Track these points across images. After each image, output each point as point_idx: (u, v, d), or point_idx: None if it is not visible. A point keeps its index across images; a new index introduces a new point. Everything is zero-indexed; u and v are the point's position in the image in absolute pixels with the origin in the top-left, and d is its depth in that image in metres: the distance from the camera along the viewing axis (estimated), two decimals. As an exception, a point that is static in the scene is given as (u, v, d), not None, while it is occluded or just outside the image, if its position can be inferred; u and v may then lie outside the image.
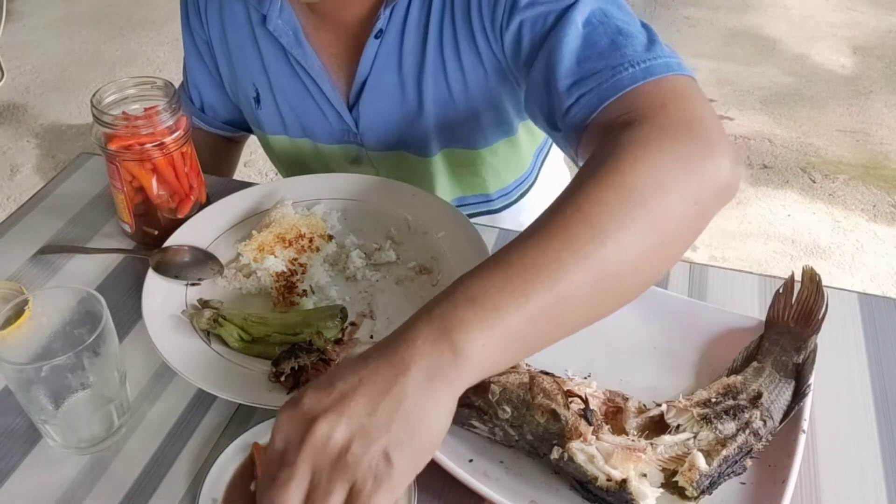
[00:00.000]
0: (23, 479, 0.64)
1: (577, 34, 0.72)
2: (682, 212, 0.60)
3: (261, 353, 0.71)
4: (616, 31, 0.72)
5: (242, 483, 0.61)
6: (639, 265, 0.58)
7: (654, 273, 0.62)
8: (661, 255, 0.61)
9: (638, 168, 0.59)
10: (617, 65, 0.69)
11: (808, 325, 0.70)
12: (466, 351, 0.51)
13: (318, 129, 1.00)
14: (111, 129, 0.80)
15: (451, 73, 0.88)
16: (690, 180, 0.61)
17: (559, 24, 0.73)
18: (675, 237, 0.61)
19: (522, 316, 0.53)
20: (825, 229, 2.32)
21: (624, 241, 0.56)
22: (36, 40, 3.39)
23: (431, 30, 0.86)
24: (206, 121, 1.12)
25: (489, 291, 0.53)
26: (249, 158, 2.55)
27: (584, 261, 0.55)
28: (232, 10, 0.97)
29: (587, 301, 0.56)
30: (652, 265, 0.60)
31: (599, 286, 0.56)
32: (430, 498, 0.61)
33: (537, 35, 0.76)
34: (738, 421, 0.60)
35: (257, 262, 0.79)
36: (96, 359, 0.62)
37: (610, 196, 0.58)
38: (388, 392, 0.50)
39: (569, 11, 0.73)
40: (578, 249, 0.55)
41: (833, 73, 3.09)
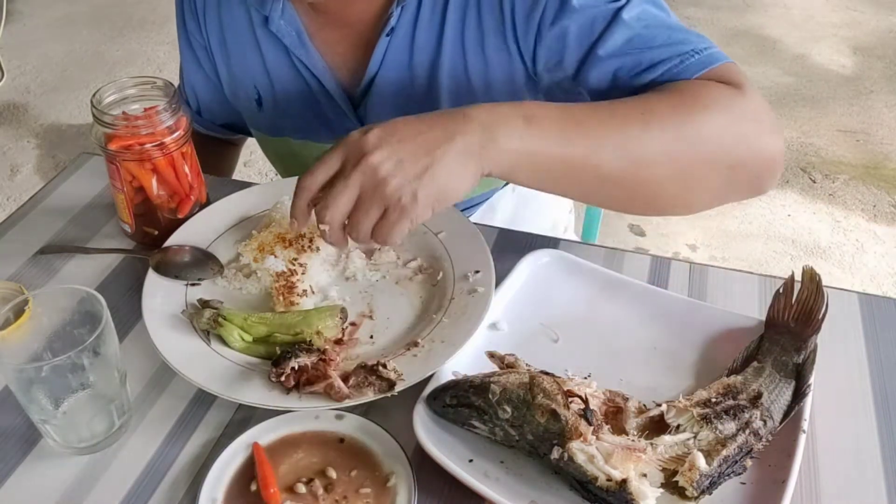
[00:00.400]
0: (23, 479, 0.64)
1: (632, 32, 0.77)
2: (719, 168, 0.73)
3: (261, 353, 0.71)
4: (668, 26, 0.78)
5: (242, 483, 0.61)
6: (661, 178, 0.72)
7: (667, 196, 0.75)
8: (680, 187, 0.74)
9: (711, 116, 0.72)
10: (683, 52, 0.76)
11: (808, 325, 0.70)
12: (502, 148, 0.66)
13: (322, 130, 0.99)
14: (111, 129, 0.80)
15: (472, 68, 0.88)
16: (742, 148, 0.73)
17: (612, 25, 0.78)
18: (700, 182, 0.74)
19: (555, 152, 0.68)
20: (825, 229, 2.32)
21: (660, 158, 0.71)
22: (36, 40, 3.39)
23: (448, 25, 0.86)
24: (203, 124, 1.12)
25: (544, 122, 0.68)
26: (249, 158, 2.55)
27: (623, 151, 0.69)
28: (231, 12, 0.97)
29: (604, 180, 0.71)
30: (669, 189, 0.74)
31: (621, 176, 0.70)
32: (430, 498, 0.61)
33: (585, 38, 0.79)
34: (738, 421, 0.60)
35: (257, 263, 0.79)
36: (96, 359, 0.62)
37: (675, 119, 0.71)
38: (432, 151, 0.64)
39: (619, 13, 0.78)
40: (627, 138, 0.69)
41: (833, 73, 3.09)
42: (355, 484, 0.60)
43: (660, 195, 0.75)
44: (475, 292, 0.75)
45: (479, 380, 0.62)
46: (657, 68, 0.76)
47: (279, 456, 0.63)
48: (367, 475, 0.61)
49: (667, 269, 0.83)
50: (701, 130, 0.72)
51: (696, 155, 0.72)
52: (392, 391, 0.65)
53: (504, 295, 0.76)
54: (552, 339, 0.73)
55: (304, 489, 0.60)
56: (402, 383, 0.65)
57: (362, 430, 0.64)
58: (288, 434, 0.64)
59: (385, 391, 0.65)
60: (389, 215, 0.65)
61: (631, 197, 0.75)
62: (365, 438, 0.64)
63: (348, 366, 0.68)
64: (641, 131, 0.70)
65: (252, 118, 1.05)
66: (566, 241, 0.87)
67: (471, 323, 0.71)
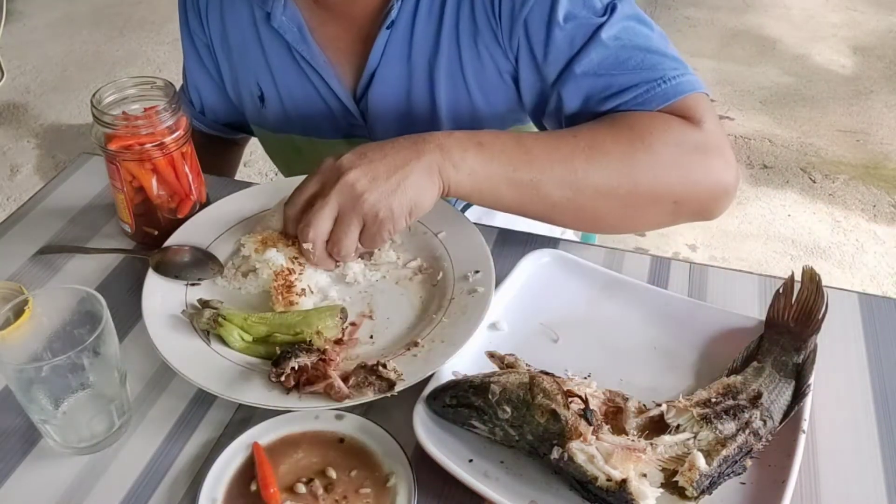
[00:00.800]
0: (23, 479, 0.64)
1: (608, 52, 0.80)
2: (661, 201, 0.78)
3: (261, 353, 0.71)
4: (645, 48, 0.80)
5: (242, 483, 0.61)
6: (602, 209, 0.78)
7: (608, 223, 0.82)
8: (621, 216, 0.80)
9: (658, 149, 0.76)
10: (652, 80, 0.79)
11: (808, 325, 0.70)
12: (459, 166, 0.74)
13: (324, 125, 1.00)
14: (111, 129, 0.80)
15: (466, 63, 0.89)
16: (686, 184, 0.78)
17: (590, 43, 0.80)
18: (642, 214, 0.80)
19: (506, 176, 0.75)
20: (825, 229, 2.32)
21: (603, 189, 0.76)
22: (36, 40, 3.39)
23: (446, 19, 0.87)
24: (206, 123, 1.12)
25: (496, 148, 0.75)
26: (249, 158, 2.55)
27: (570, 178, 0.75)
28: (234, 9, 0.97)
29: (549, 202, 0.77)
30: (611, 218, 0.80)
31: (565, 201, 0.76)
32: (430, 498, 0.61)
33: (563, 52, 0.82)
34: (738, 421, 0.60)
35: (258, 254, 0.79)
36: (96, 359, 0.62)
37: (621, 155, 0.76)
38: (402, 168, 0.72)
39: (599, 30, 0.80)
40: (572, 170, 0.75)
41: (833, 73, 3.09)
42: (355, 484, 0.60)
43: (603, 221, 0.82)
44: (475, 292, 0.75)
45: (479, 380, 0.62)
46: (625, 94, 0.80)
47: (279, 456, 0.63)
48: (367, 475, 0.61)
49: (667, 269, 0.83)
50: (644, 166, 0.77)
51: (638, 189, 0.77)
52: (392, 391, 0.65)
53: (504, 295, 0.76)
54: (552, 339, 0.73)
55: (304, 489, 0.60)
56: (402, 383, 0.65)
57: (362, 430, 0.64)
58: (288, 434, 0.64)
59: (385, 391, 0.65)
60: (369, 228, 0.73)
61: (576, 221, 0.82)
62: (365, 438, 0.64)
63: (348, 366, 0.68)
64: (586, 164, 0.76)
65: (255, 115, 1.05)
66: (566, 241, 0.88)
67: (471, 323, 0.71)
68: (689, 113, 0.79)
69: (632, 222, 0.83)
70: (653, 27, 0.83)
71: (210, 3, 0.99)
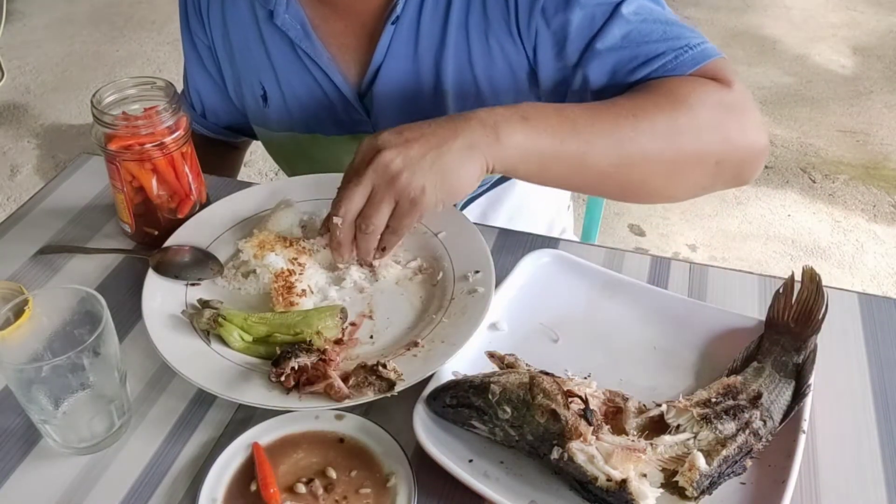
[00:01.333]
0: (23, 479, 0.64)
1: (630, 27, 0.81)
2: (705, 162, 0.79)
3: (261, 353, 0.71)
4: (664, 21, 0.81)
5: (242, 483, 0.61)
6: (647, 175, 0.78)
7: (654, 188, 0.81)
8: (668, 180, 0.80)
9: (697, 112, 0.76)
10: (678, 48, 0.80)
11: (808, 325, 0.70)
12: (504, 142, 0.71)
13: (328, 122, 1.00)
14: (111, 129, 0.80)
15: (476, 57, 0.88)
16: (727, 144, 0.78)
17: (611, 20, 0.81)
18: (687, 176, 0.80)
19: (553, 147, 0.73)
20: (825, 229, 2.32)
21: (650, 153, 0.76)
22: (36, 40, 3.39)
23: (454, 13, 0.87)
24: (207, 126, 1.12)
25: (540, 122, 0.73)
26: (249, 158, 2.55)
27: (614, 147, 0.75)
28: (235, 8, 0.97)
29: (598, 173, 0.76)
30: (656, 181, 0.79)
31: (613, 170, 0.76)
32: (430, 498, 0.61)
33: (585, 32, 0.82)
34: (738, 421, 0.60)
35: (257, 259, 0.79)
36: (96, 359, 0.62)
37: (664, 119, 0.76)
38: (438, 147, 0.70)
39: (619, 7, 0.80)
40: (616, 138, 0.75)
41: (833, 73, 3.09)
42: (355, 484, 0.60)
43: (647, 187, 0.82)
44: (475, 292, 0.75)
45: (479, 380, 0.62)
46: (653, 63, 0.80)
47: (279, 456, 0.63)
48: (367, 475, 0.61)
49: (667, 269, 0.83)
50: (688, 129, 0.77)
51: (683, 152, 0.77)
52: (392, 391, 0.65)
53: (504, 295, 0.76)
54: (552, 339, 0.73)
55: (304, 489, 0.60)
56: (402, 383, 0.65)
57: (362, 430, 0.64)
58: (288, 434, 0.64)
59: (385, 391, 0.65)
60: (400, 207, 0.71)
61: (622, 189, 0.82)
62: (365, 438, 0.64)
63: (348, 366, 0.68)
64: (631, 131, 0.75)
65: (258, 115, 1.05)
66: (566, 241, 0.88)
67: (471, 323, 0.71)
68: (719, 75, 0.80)
69: (676, 186, 0.82)
70: (665, 6, 0.85)
71: (212, 4, 0.99)
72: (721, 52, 0.82)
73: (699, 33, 0.83)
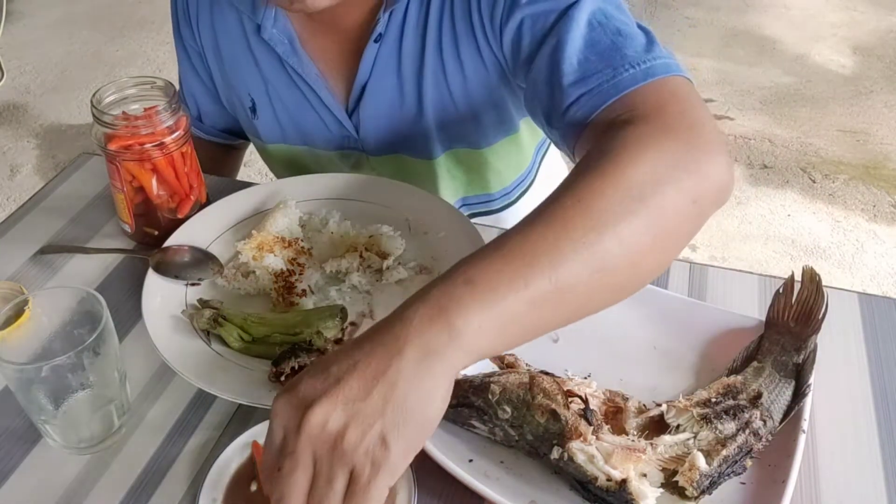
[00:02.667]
0: (23, 479, 0.64)
1: (579, 33, 0.73)
2: (680, 209, 0.61)
3: (261, 353, 0.71)
4: (616, 31, 0.72)
5: (242, 483, 0.61)
6: (636, 259, 0.58)
7: (650, 269, 0.62)
8: (659, 252, 0.61)
9: (638, 164, 0.60)
10: (618, 65, 0.70)
11: (808, 325, 0.70)
12: (463, 330, 0.51)
13: (318, 137, 0.99)
14: (111, 129, 0.80)
15: (450, 74, 0.88)
16: (689, 179, 0.61)
17: (561, 23, 0.73)
18: (672, 234, 0.61)
19: (520, 300, 0.53)
20: (825, 229, 2.32)
21: (622, 234, 0.57)
22: (36, 40, 3.39)
23: (430, 31, 0.86)
24: (203, 130, 1.12)
25: (488, 274, 0.53)
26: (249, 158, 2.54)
27: (582, 250, 0.55)
28: (224, 20, 0.96)
29: (585, 291, 0.56)
30: (649, 260, 0.61)
31: (598, 277, 0.56)
32: (430, 498, 0.61)
33: (538, 33, 0.76)
34: (738, 421, 0.60)
35: (256, 261, 0.79)
36: (96, 359, 0.62)
37: (609, 189, 0.58)
38: (383, 374, 0.49)
39: (570, 10, 0.73)
40: (577, 239, 0.55)
41: (833, 73, 3.09)
42: (355, 484, 0.60)
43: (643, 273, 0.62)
44: (475, 292, 0.74)
45: (479, 380, 0.62)
46: (590, 81, 0.70)
47: (279, 456, 0.63)
48: (367, 475, 0.61)
49: (667, 269, 0.83)
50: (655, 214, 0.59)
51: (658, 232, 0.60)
52: (392, 391, 0.65)
53: (504, 295, 0.76)
54: (552, 339, 0.73)
55: (304, 489, 0.60)
56: (402, 383, 0.65)
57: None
58: (288, 434, 0.64)
59: (385, 391, 0.65)
60: (359, 477, 0.49)
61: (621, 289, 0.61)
62: (365, 438, 0.63)
63: (348, 366, 0.68)
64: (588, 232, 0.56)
65: (247, 125, 1.05)
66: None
67: (471, 323, 0.71)
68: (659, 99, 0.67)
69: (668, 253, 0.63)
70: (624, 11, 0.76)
71: (200, 12, 0.98)
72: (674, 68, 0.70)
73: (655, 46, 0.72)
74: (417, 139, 0.95)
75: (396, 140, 0.96)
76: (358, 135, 0.97)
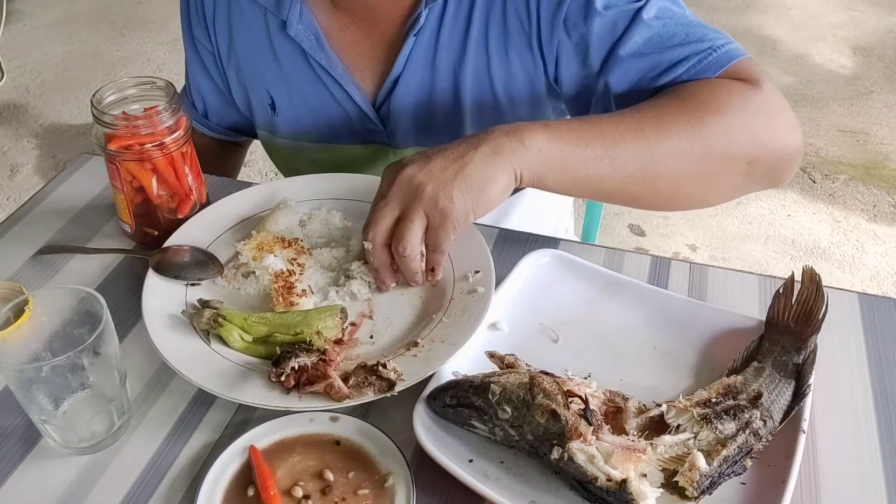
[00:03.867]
0: (23, 479, 0.64)
1: (651, 32, 0.80)
2: (734, 162, 0.76)
3: (261, 353, 0.71)
4: (685, 23, 0.81)
5: (239, 489, 0.61)
6: (678, 178, 0.76)
7: (684, 194, 0.78)
8: (698, 185, 0.77)
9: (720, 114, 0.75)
10: (702, 51, 0.79)
11: (808, 325, 0.70)
12: (528, 145, 0.71)
13: (341, 131, 0.99)
14: (111, 129, 0.80)
15: (495, 69, 0.88)
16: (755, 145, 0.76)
17: (632, 25, 0.80)
18: (717, 179, 0.78)
19: (577, 153, 0.72)
20: (825, 229, 2.32)
21: (675, 152, 0.74)
22: (36, 40, 3.39)
23: (474, 25, 0.86)
24: (209, 126, 1.12)
25: (563, 126, 0.73)
26: (249, 158, 2.55)
27: (638, 145, 0.73)
28: (243, 18, 0.96)
29: (628, 175, 0.74)
30: (686, 186, 0.77)
31: (641, 170, 0.74)
32: (430, 498, 0.61)
33: (606, 39, 0.81)
34: (738, 421, 0.60)
35: (256, 261, 0.79)
36: (96, 359, 0.62)
37: (686, 118, 0.74)
38: (461, 157, 0.70)
39: (639, 12, 0.80)
40: (639, 135, 0.73)
41: (833, 73, 3.09)
42: (353, 485, 0.60)
43: (679, 193, 0.78)
44: (475, 292, 0.75)
45: (479, 380, 0.62)
46: (677, 68, 0.79)
47: (275, 460, 0.62)
48: (365, 476, 0.61)
49: (667, 269, 0.83)
50: (715, 132, 0.75)
51: (710, 156, 0.76)
52: (392, 391, 0.65)
53: (504, 295, 0.76)
54: (552, 339, 0.73)
55: (301, 492, 0.60)
56: (402, 383, 0.65)
57: (358, 431, 0.64)
58: (283, 438, 0.64)
59: (385, 391, 0.65)
60: (432, 220, 0.70)
61: (653, 193, 0.77)
62: (361, 440, 0.63)
63: (348, 366, 0.68)
64: (656, 132, 0.74)
65: (265, 122, 1.04)
66: (566, 241, 0.87)
67: (471, 323, 0.71)
68: (746, 76, 0.78)
69: (707, 191, 0.79)
70: (684, 7, 0.84)
71: (217, 12, 0.98)
72: (745, 52, 0.81)
73: (723, 33, 0.82)
74: (448, 131, 0.95)
75: (425, 132, 0.95)
76: (385, 128, 0.97)
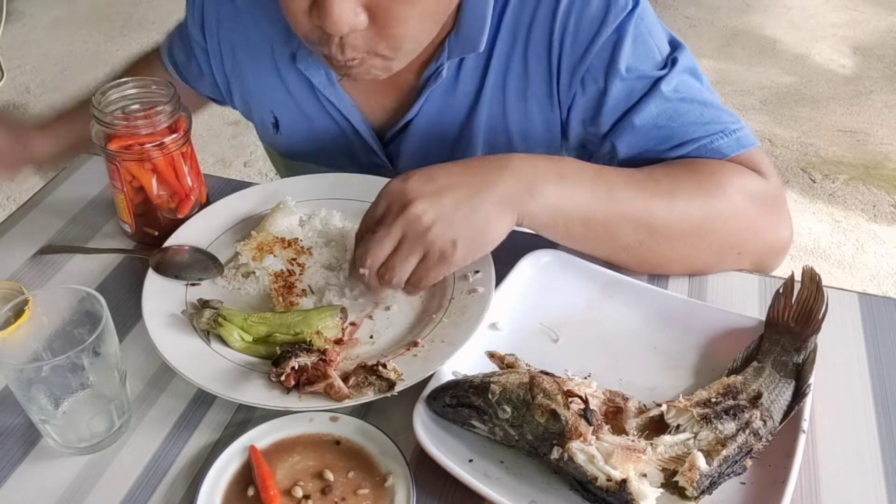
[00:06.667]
0: (23, 479, 0.64)
1: (667, 105, 0.80)
2: (725, 253, 0.79)
3: (261, 353, 0.71)
4: (702, 102, 0.81)
5: (239, 488, 0.61)
6: (670, 255, 0.78)
7: (670, 269, 0.80)
8: (686, 264, 0.79)
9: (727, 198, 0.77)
10: (713, 133, 0.80)
11: (808, 325, 0.70)
12: (538, 198, 0.71)
13: (345, 162, 0.98)
14: (111, 129, 0.80)
15: (511, 111, 0.87)
16: (750, 237, 0.79)
17: (649, 95, 0.80)
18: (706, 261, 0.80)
19: (582, 219, 0.73)
20: (825, 229, 2.32)
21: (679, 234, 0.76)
22: (36, 40, 3.39)
23: (492, 70, 0.85)
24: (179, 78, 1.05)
25: (576, 182, 0.73)
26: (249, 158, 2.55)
27: (647, 220, 0.74)
28: (247, 39, 0.93)
29: (622, 247, 0.76)
30: (677, 263, 0.79)
31: (636, 245, 0.76)
32: (430, 498, 0.61)
33: (621, 103, 0.81)
34: (738, 421, 0.60)
35: (256, 262, 0.79)
36: (96, 359, 0.62)
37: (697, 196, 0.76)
38: (471, 199, 0.68)
39: (659, 83, 0.79)
40: (650, 213, 0.74)
41: (833, 73, 3.09)
42: (353, 485, 0.60)
43: (661, 268, 0.80)
44: (475, 292, 0.75)
45: (479, 380, 0.62)
46: (687, 146, 0.80)
47: (275, 460, 0.62)
48: (365, 476, 0.61)
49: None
50: (720, 215, 0.77)
51: (708, 237, 0.77)
52: (392, 391, 0.65)
53: (504, 295, 0.76)
54: (552, 339, 0.73)
55: (301, 492, 0.60)
56: (402, 383, 0.65)
57: (357, 431, 0.64)
58: (283, 438, 0.64)
59: (385, 391, 0.65)
60: (428, 260, 0.69)
61: (639, 263, 0.79)
62: (360, 439, 0.63)
63: (348, 366, 0.68)
64: (665, 210, 0.75)
65: (267, 137, 1.03)
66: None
67: (471, 323, 0.71)
68: (754, 166, 0.80)
69: (691, 267, 0.80)
70: (703, 80, 0.83)
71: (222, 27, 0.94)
72: (756, 140, 0.82)
73: (737, 117, 0.82)
74: None
75: None
76: (392, 165, 0.96)
